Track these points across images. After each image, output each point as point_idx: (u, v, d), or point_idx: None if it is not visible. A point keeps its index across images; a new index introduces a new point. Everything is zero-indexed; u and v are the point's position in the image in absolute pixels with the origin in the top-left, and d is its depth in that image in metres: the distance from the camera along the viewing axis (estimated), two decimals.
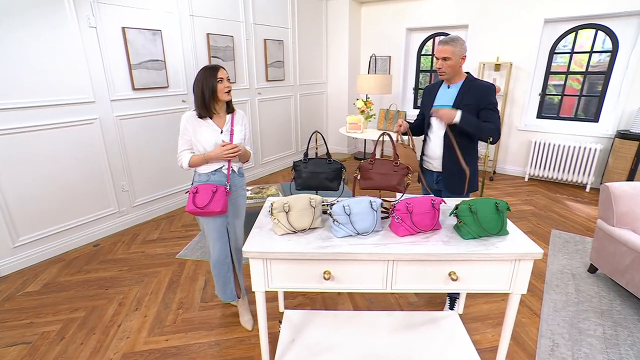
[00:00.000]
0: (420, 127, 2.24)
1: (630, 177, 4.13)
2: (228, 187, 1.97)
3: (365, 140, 6.18)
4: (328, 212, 1.50)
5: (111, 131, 3.34)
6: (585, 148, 4.52)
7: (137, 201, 3.67)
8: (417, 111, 5.98)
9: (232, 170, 2.05)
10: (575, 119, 4.89)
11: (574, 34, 4.62)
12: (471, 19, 5.07)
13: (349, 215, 1.45)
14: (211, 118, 1.96)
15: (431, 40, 5.75)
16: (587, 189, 4.64)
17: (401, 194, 1.75)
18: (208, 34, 3.99)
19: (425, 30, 5.69)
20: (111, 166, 3.39)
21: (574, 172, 4.67)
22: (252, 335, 2.15)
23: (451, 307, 2.30)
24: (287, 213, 1.46)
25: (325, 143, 1.80)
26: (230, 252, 2.13)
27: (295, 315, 2.07)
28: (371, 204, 1.50)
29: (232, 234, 2.14)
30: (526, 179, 5.05)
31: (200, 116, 1.94)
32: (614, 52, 4.41)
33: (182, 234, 3.47)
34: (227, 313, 2.35)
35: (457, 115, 1.90)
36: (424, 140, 2.21)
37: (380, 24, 5.91)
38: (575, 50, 4.69)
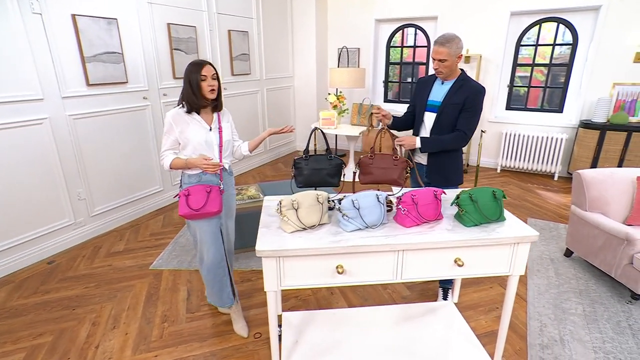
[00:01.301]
0: (407, 122, 2.42)
1: (593, 165, 4.67)
2: (222, 186, 2.03)
3: (336, 136, 6.37)
4: (336, 207, 1.62)
5: (63, 132, 3.22)
6: (552, 138, 5.02)
7: (96, 210, 3.57)
8: (388, 105, 6.28)
9: (224, 168, 2.11)
10: (542, 109, 5.41)
11: (537, 26, 5.12)
12: (441, 10, 5.43)
13: (358, 209, 1.59)
14: (198, 113, 2.02)
15: (400, 31, 6.06)
16: (556, 178, 5.16)
17: (399, 188, 1.92)
18: (169, 24, 3.96)
19: (394, 22, 5.99)
20: (65, 172, 3.27)
21: (542, 162, 5.18)
22: (249, 342, 2.22)
23: (444, 298, 2.52)
24: (296, 210, 1.57)
25: (326, 139, 1.93)
26: (225, 254, 2.18)
27: (294, 317, 2.17)
28: (377, 198, 1.65)
29: (226, 236, 2.20)
30: (498, 170, 5.50)
31: (189, 111, 1.98)
32: (574, 45, 4.94)
33: (152, 243, 3.43)
34: (217, 322, 2.39)
35: (417, 142, 2.16)
36: (415, 135, 2.39)
37: (348, 14, 6.13)
38: (539, 42, 5.19)
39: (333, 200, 1.73)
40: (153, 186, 4.10)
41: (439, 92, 2.26)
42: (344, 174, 1.90)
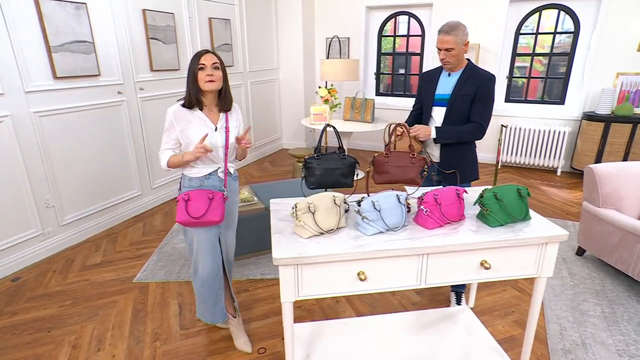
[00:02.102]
0: (419, 119, 2.45)
1: (598, 159, 4.84)
2: (225, 193, 1.99)
3: (326, 132, 6.37)
4: (355, 209, 1.63)
5: (28, 131, 3.10)
6: (554, 131, 5.17)
7: (67, 218, 3.45)
8: (380, 99, 6.34)
9: (229, 172, 2.07)
10: (542, 101, 5.57)
11: (537, 14, 5.26)
12: None
13: (379, 211, 1.60)
14: (201, 110, 1.97)
15: (392, 19, 6.12)
16: (558, 173, 5.32)
17: (415, 187, 1.95)
18: (144, 10, 3.87)
19: (386, 9, 6.04)
20: (30, 176, 3.15)
21: (544, 157, 5.33)
22: (253, 358, 2.20)
23: (458, 302, 2.56)
24: (313, 214, 1.56)
25: (339, 137, 1.92)
26: (222, 266, 2.15)
27: (303, 329, 2.17)
28: (398, 198, 1.66)
29: (224, 246, 2.16)
30: (499, 166, 5.62)
31: (190, 106, 1.94)
32: (575, 33, 5.11)
33: (133, 253, 3.35)
34: (215, 338, 2.36)
35: (432, 132, 2.19)
36: None
37: (336, 1, 6.14)
38: (539, 31, 5.34)
39: (346, 202, 1.73)
40: (130, 190, 4.00)
41: (446, 85, 2.29)
42: (357, 174, 1.90)
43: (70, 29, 3.27)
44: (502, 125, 4.64)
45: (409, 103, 6.32)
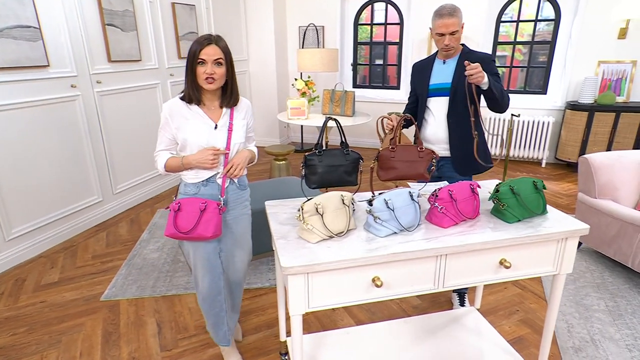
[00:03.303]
0: (415, 112, 2.42)
1: (582, 149, 5.02)
2: (222, 203, 1.83)
3: (302, 127, 6.31)
4: (366, 209, 1.57)
5: None
6: (537, 122, 5.33)
7: (15, 232, 3.18)
8: (358, 91, 6.32)
9: (231, 179, 1.90)
10: (525, 91, 5.73)
11: (518, 1, 5.40)
12: None
13: (392, 210, 1.54)
14: (199, 105, 1.82)
15: (369, 7, 6.11)
16: (543, 165, 5.49)
17: (424, 183, 1.91)
18: None
19: None
20: None
21: (529, 148, 5.49)
22: None
23: (461, 304, 2.56)
24: (321, 216, 1.49)
25: (342, 131, 1.84)
26: (223, 288, 1.99)
27: (303, 342, 2.09)
28: (411, 195, 1.61)
29: (227, 267, 1.99)
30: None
31: (187, 101, 1.79)
32: (556, 21, 5.28)
33: (97, 268, 3.15)
34: (203, 357, 2.23)
35: (485, 76, 1.98)
36: (421, 124, 2.39)
37: None
38: (515, 19, 5.49)
39: (353, 202, 1.67)
40: (89, 197, 3.77)
41: (443, 73, 2.26)
42: (361, 170, 1.85)
43: (11, 11, 3.01)
44: (513, 115, 4.41)
45: (388, 95, 6.35)
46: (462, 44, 2.28)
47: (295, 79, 5.00)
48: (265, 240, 3.03)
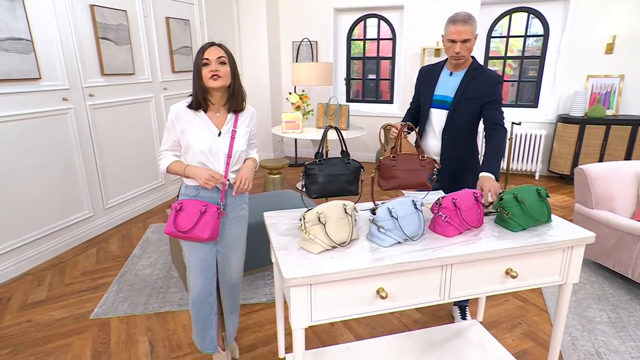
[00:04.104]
0: (417, 118, 2.39)
1: (575, 161, 5.05)
2: (222, 208, 1.84)
3: (296, 141, 6.29)
4: (370, 219, 1.53)
5: None
6: (530, 135, 5.36)
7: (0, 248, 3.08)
8: (352, 105, 6.32)
9: (230, 185, 1.90)
10: (516, 105, 5.78)
11: (508, 17, 5.49)
12: None
13: (396, 219, 1.50)
14: (205, 111, 1.82)
15: (361, 22, 6.17)
16: (537, 177, 5.51)
17: (426, 192, 1.88)
18: (92, 6, 3.62)
19: (355, 11, 6.09)
20: None
21: (522, 161, 5.51)
22: None
23: (463, 317, 2.50)
24: (324, 225, 1.44)
25: (343, 140, 1.81)
26: (217, 289, 2.00)
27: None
28: (414, 204, 1.58)
29: (223, 268, 2.00)
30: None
31: (196, 107, 1.80)
32: (545, 37, 5.36)
33: (87, 285, 3.04)
34: None
35: (492, 176, 1.93)
36: (421, 133, 2.37)
37: (303, 2, 6.11)
38: (505, 34, 5.57)
39: (356, 210, 1.63)
40: (79, 212, 3.67)
41: (448, 86, 2.22)
42: (362, 180, 1.81)
43: (3, 24, 2.97)
44: (514, 123, 4.39)
45: (381, 109, 6.37)
46: (472, 57, 2.25)
47: (290, 93, 4.99)
48: (261, 255, 2.98)
